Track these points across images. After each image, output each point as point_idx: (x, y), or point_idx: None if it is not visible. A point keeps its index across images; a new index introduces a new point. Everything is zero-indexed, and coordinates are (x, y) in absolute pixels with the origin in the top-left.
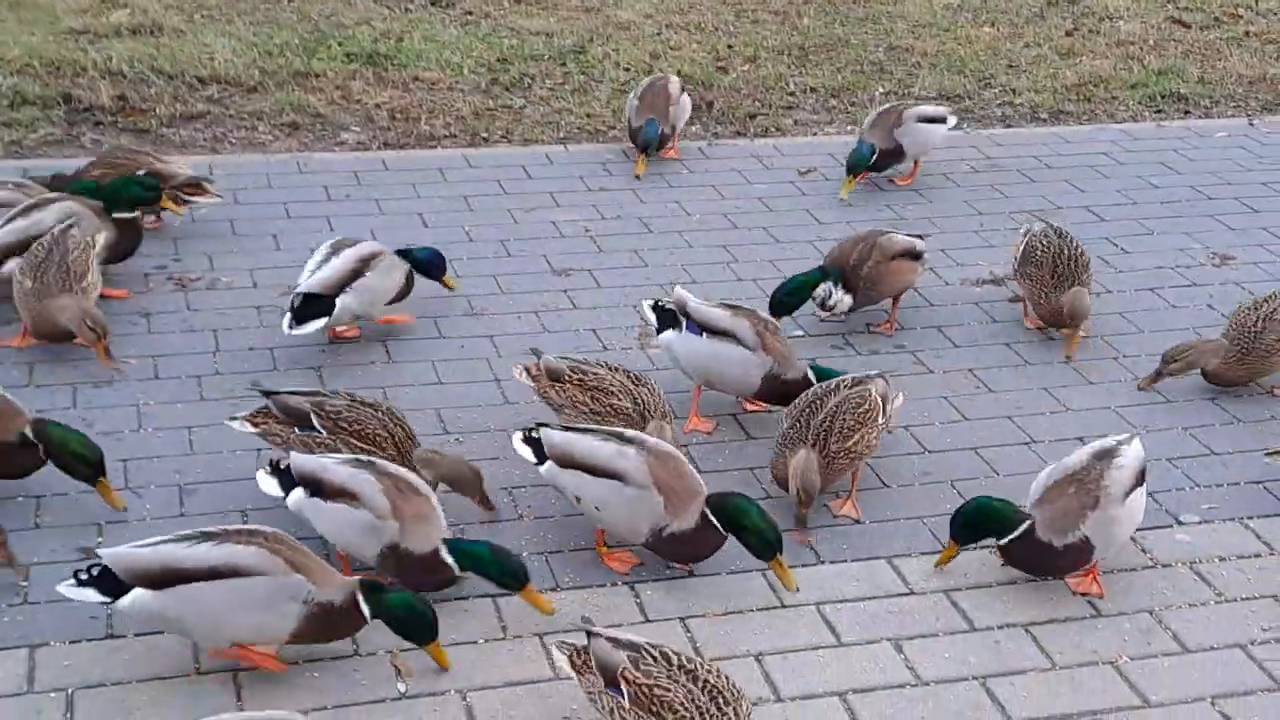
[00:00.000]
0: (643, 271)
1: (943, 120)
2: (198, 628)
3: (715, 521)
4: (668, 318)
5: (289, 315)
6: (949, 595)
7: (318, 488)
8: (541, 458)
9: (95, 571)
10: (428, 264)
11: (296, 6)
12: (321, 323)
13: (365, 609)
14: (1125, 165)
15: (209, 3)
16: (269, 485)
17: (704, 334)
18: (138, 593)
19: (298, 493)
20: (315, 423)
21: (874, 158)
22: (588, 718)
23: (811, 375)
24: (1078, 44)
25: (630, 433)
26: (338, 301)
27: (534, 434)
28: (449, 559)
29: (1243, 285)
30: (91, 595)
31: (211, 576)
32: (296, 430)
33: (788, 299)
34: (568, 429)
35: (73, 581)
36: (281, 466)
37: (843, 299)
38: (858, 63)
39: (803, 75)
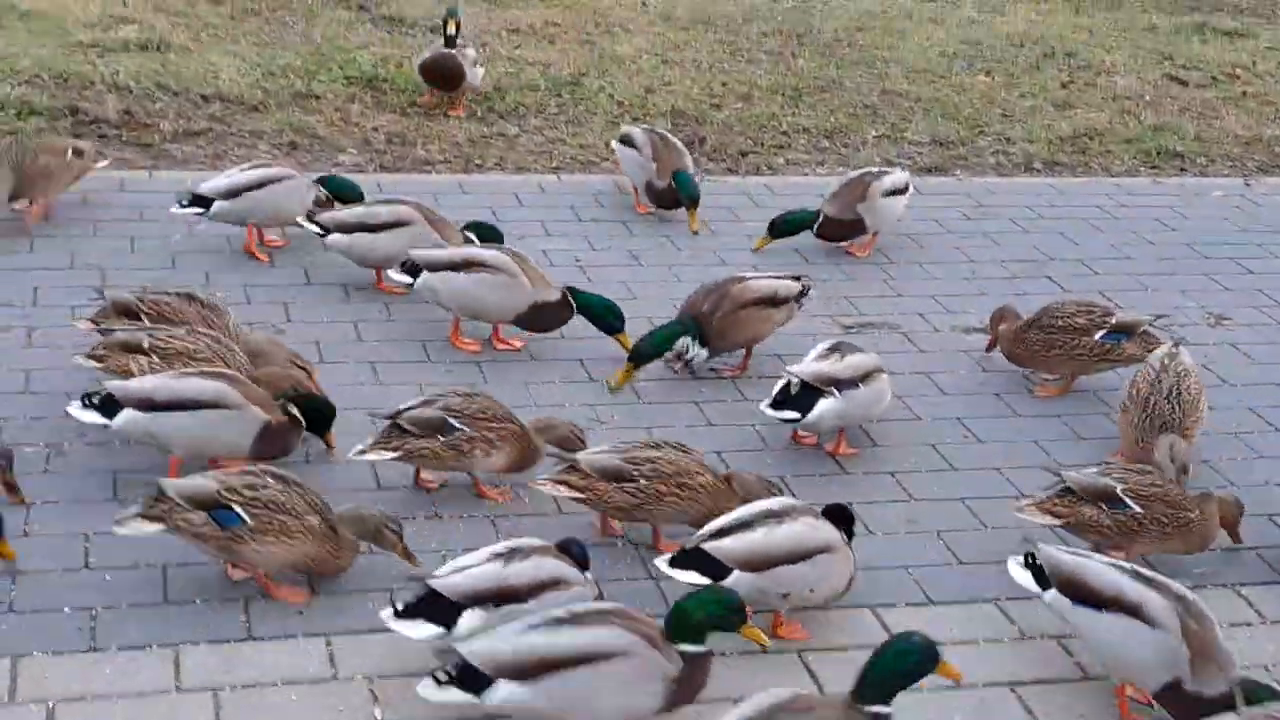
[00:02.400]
0: (632, 304)
1: (905, 190)
2: (568, 716)
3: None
4: (802, 395)
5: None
6: None
7: (1081, 592)
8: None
9: (454, 670)
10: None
11: (300, 30)
12: (407, 281)
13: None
14: (1120, 220)
15: (216, 22)
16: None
17: (860, 384)
18: (507, 687)
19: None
20: (455, 423)
21: (813, 225)
22: None
23: None
24: (1073, 96)
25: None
26: (422, 276)
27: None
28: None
29: (1239, 346)
30: (457, 695)
31: (581, 662)
32: (440, 438)
33: (653, 351)
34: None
35: (431, 682)
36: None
37: (699, 353)
38: (851, 105)
39: (795, 115)
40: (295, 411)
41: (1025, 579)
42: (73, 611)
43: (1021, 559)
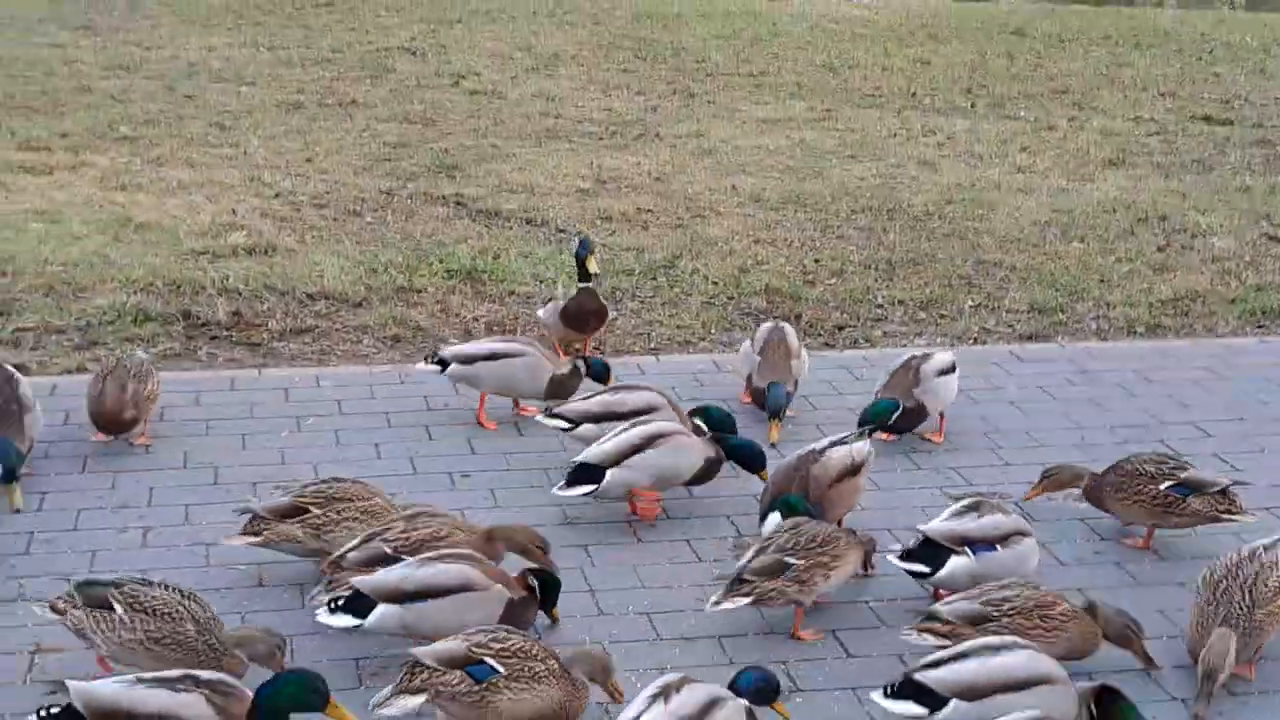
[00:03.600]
0: (736, 482)
1: (953, 369)
2: None
3: None
4: (928, 554)
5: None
6: None
7: None
8: None
9: None
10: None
11: (400, 227)
12: (588, 489)
13: None
14: (1230, 381)
15: (320, 225)
16: None
17: (996, 546)
18: None
19: None
20: (790, 560)
21: (895, 414)
22: None
23: None
24: (1171, 260)
25: None
26: (608, 474)
27: None
28: None
29: None
30: None
31: None
32: (780, 579)
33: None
34: None
35: None
36: None
37: None
38: (945, 276)
39: (890, 289)
40: (536, 584)
41: None
42: None
43: None
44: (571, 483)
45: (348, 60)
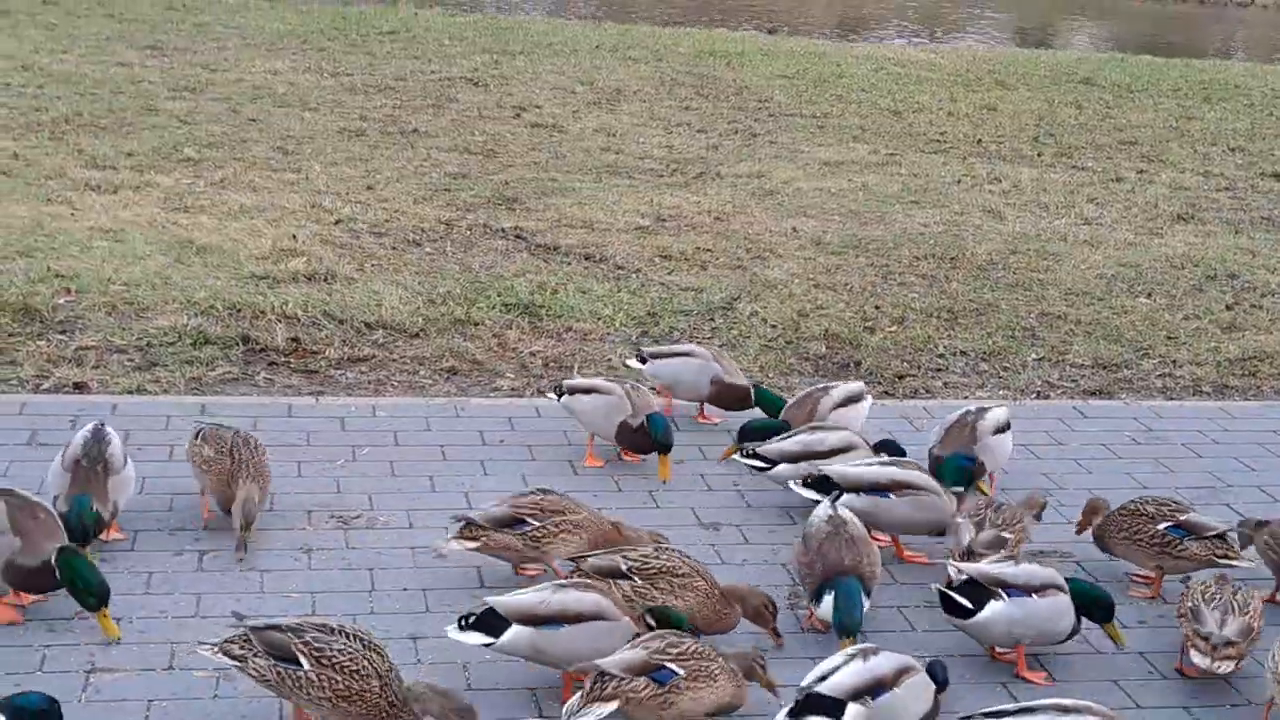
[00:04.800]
0: (790, 529)
1: (1008, 426)
2: None
3: None
4: (973, 593)
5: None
6: None
7: None
8: None
9: None
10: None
11: (459, 258)
12: (813, 495)
13: None
14: None
15: (379, 253)
16: None
17: (1032, 594)
18: None
19: None
20: None
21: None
22: None
23: None
24: (1239, 318)
25: None
26: (844, 498)
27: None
28: None
29: None
30: None
31: None
32: None
33: (861, 620)
34: None
35: None
36: None
37: (865, 604)
38: (1009, 328)
39: (951, 338)
40: (653, 622)
41: None
42: None
43: None
44: (807, 486)
45: (410, 89)
